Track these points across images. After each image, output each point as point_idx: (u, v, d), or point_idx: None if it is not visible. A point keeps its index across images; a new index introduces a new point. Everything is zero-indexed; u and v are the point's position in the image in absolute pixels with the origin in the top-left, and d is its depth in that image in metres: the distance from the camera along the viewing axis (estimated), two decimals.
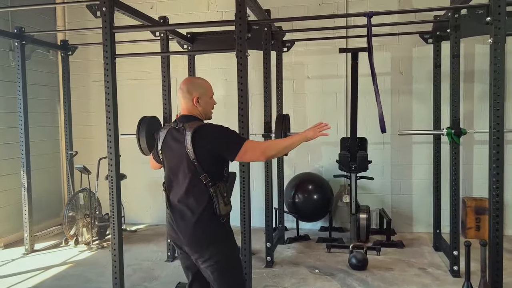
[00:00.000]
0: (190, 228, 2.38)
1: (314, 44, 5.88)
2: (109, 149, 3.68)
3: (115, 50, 3.70)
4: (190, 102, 2.48)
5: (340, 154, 5.04)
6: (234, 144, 2.36)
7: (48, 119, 6.45)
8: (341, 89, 5.92)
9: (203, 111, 2.53)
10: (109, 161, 3.70)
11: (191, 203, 2.39)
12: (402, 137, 5.70)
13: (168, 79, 4.73)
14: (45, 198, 6.28)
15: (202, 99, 2.50)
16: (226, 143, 2.37)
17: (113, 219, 3.71)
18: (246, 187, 3.67)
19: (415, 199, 5.82)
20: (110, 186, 3.70)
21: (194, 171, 2.35)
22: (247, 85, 3.59)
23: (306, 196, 5.59)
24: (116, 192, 3.70)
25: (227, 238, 2.45)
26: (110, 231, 3.76)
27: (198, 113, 2.51)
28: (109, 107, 3.66)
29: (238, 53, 3.45)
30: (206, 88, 2.56)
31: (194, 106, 2.48)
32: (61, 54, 6.03)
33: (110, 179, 3.70)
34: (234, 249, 2.52)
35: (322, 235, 5.68)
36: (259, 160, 2.44)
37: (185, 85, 2.52)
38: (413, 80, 5.74)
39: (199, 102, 2.48)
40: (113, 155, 3.67)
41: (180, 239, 2.42)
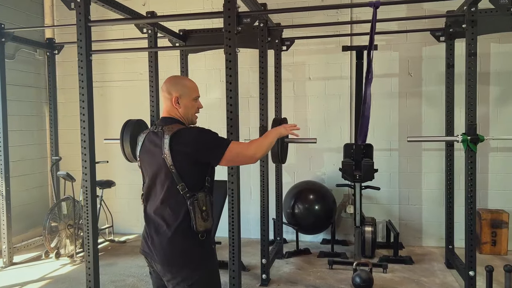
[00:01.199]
0: (164, 244, 2.09)
1: (316, 43, 5.49)
2: (84, 156, 3.32)
3: (91, 46, 3.34)
4: (169, 102, 2.20)
5: (343, 161, 4.62)
6: (218, 147, 2.10)
7: (34, 122, 6.08)
8: (345, 91, 5.51)
9: (184, 114, 2.22)
10: (83, 170, 3.33)
11: (167, 215, 2.10)
12: (410, 144, 5.28)
13: (156, 78, 4.36)
14: (29, 206, 5.92)
15: (182, 100, 2.20)
16: (208, 146, 2.09)
17: (87, 233, 3.33)
18: (235, 196, 3.30)
19: (424, 210, 5.38)
20: (85, 198, 3.33)
21: (171, 180, 2.07)
22: (237, 85, 3.18)
23: (307, 206, 5.17)
24: (91, 205, 3.32)
25: (204, 259, 2.11)
26: (84, 249, 3.37)
27: (179, 115, 2.21)
28: (84, 109, 3.32)
29: (227, 48, 3.06)
30: (189, 88, 2.24)
31: (173, 107, 2.20)
32: (47, 53, 5.68)
33: (85, 189, 3.32)
34: (212, 272, 2.17)
35: (324, 248, 5.26)
36: (250, 162, 2.22)
37: (165, 84, 2.24)
38: (423, 82, 5.32)
39: (178, 103, 2.19)
40: (88, 162, 3.30)
41: (153, 255, 2.13)
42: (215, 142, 2.10)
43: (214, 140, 2.10)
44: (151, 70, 4.35)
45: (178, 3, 5.86)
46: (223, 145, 2.09)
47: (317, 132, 5.51)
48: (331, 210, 5.20)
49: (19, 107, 5.71)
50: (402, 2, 4.55)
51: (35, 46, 5.69)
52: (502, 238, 4.96)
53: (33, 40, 5.55)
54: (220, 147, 2.09)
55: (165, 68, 4.78)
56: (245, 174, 5.71)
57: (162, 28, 4.52)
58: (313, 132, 5.59)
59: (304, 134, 5.54)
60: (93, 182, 3.33)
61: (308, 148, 5.59)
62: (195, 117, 2.28)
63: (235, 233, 3.25)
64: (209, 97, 5.89)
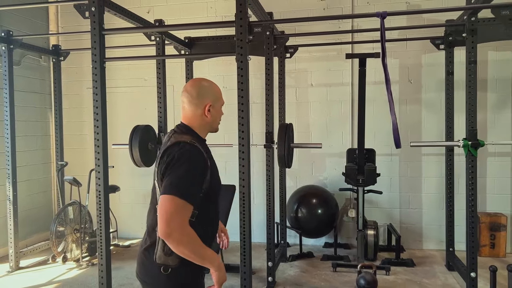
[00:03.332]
0: (139, 257, 1.94)
1: (318, 50, 5.61)
2: (97, 160, 3.38)
3: (104, 53, 3.43)
4: (199, 110, 1.93)
5: (346, 166, 4.72)
6: (168, 182, 1.73)
7: (39, 128, 6.15)
8: (347, 97, 5.63)
9: (211, 123, 1.98)
10: (96, 174, 3.40)
11: (147, 232, 1.93)
12: (411, 149, 5.40)
13: (163, 85, 4.45)
14: (34, 211, 5.96)
15: (215, 109, 1.97)
16: (170, 175, 1.74)
17: (100, 236, 3.40)
18: (246, 200, 3.36)
19: (425, 214, 5.50)
20: (98, 201, 3.40)
21: (155, 197, 1.89)
22: (248, 91, 3.29)
23: (310, 210, 5.26)
24: (104, 207, 3.39)
25: None
26: (97, 250, 3.44)
27: (200, 124, 1.95)
28: (98, 115, 3.37)
29: (239, 56, 3.16)
30: (219, 94, 2.02)
31: (203, 116, 1.93)
32: (53, 59, 5.75)
33: (98, 193, 3.40)
34: None
35: (326, 252, 5.35)
36: (161, 234, 1.69)
37: (195, 87, 1.95)
38: (423, 89, 5.45)
39: (210, 112, 1.94)
40: (101, 166, 3.37)
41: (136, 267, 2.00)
42: (173, 177, 1.73)
43: (175, 175, 1.73)
44: (159, 77, 4.44)
45: (182, 11, 5.96)
46: (170, 189, 1.70)
47: (319, 138, 5.62)
48: (333, 214, 5.30)
49: (24, 113, 5.76)
50: (406, 13, 4.69)
51: (41, 53, 5.77)
52: (500, 240, 5.08)
53: (40, 47, 5.62)
54: (168, 186, 1.71)
55: (169, 74, 4.86)
56: None
57: (169, 35, 4.62)
58: (315, 137, 5.70)
59: (306, 139, 5.65)
60: (106, 186, 3.41)
61: (311, 153, 5.69)
62: (218, 125, 2.04)
63: (246, 236, 3.33)
64: None
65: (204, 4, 5.95)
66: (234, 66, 5.93)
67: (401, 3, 5.33)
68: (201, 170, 1.80)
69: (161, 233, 1.68)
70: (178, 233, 1.67)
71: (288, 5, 5.58)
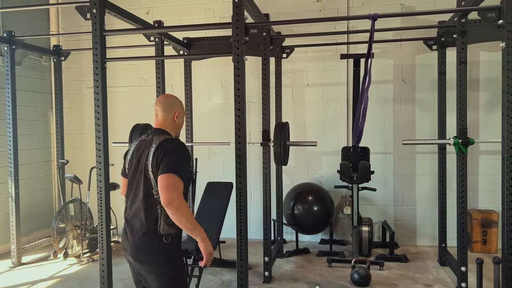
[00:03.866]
0: (136, 243, 2.33)
1: (314, 50, 5.73)
2: (99, 158, 3.49)
3: (105, 54, 3.53)
4: (169, 116, 2.50)
5: (341, 164, 4.84)
6: (166, 165, 2.24)
7: (39, 127, 6.25)
8: (342, 96, 5.74)
9: (178, 127, 2.57)
10: (98, 171, 3.50)
11: (141, 217, 2.33)
12: (405, 147, 5.53)
13: (162, 85, 4.56)
14: (35, 208, 6.06)
15: (180, 116, 2.54)
16: (163, 161, 2.26)
17: (101, 231, 3.51)
18: (243, 197, 3.47)
19: (418, 211, 5.62)
20: (99, 197, 3.51)
21: (148, 185, 2.32)
22: (244, 91, 3.40)
23: (306, 207, 5.38)
24: (105, 204, 3.50)
25: (168, 259, 2.32)
26: (99, 245, 3.55)
27: (172, 127, 2.51)
28: (99, 114, 3.48)
29: (235, 57, 3.27)
30: (183, 106, 2.63)
31: (172, 121, 2.50)
32: (53, 59, 5.85)
33: (99, 190, 3.50)
34: (175, 271, 2.37)
35: (322, 248, 5.46)
36: (163, 202, 2.18)
37: (167, 99, 2.57)
38: (416, 88, 5.57)
39: (178, 118, 2.52)
40: (102, 164, 3.48)
41: (127, 250, 2.38)
42: (171, 161, 2.24)
43: (172, 160, 2.25)
44: (158, 77, 4.55)
45: (180, 12, 6.06)
46: (169, 169, 2.21)
47: (315, 136, 5.73)
48: (329, 211, 5.42)
49: (25, 112, 5.87)
50: (398, 15, 4.81)
51: (42, 53, 5.87)
52: (492, 237, 5.20)
53: (41, 47, 5.73)
54: (166, 168, 2.22)
55: (168, 74, 4.96)
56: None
57: (168, 36, 4.72)
58: (311, 136, 5.81)
59: (302, 138, 5.76)
60: (107, 183, 3.51)
61: (307, 151, 5.80)
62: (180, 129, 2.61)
63: (243, 232, 3.44)
64: (211, 102, 6.09)
65: (203, 5, 6.05)
66: (232, 66, 5.92)
67: (395, 5, 5.45)
68: (188, 157, 2.37)
69: (164, 202, 2.17)
70: (177, 201, 2.17)
71: (285, 6, 5.69)
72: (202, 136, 5.94)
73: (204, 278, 4.21)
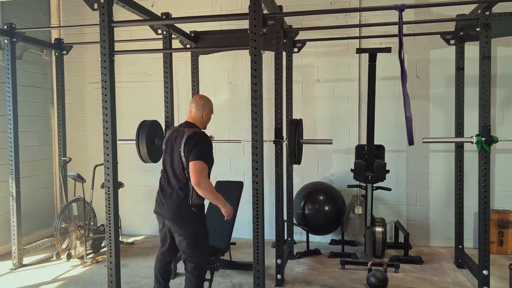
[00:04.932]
0: (173, 208, 3.15)
1: (325, 45, 5.55)
2: (106, 156, 3.31)
3: (113, 46, 3.34)
4: (200, 114, 3.31)
5: (355, 162, 4.66)
6: (196, 154, 3.03)
7: (41, 123, 6.06)
8: (354, 93, 5.57)
9: (205, 123, 3.38)
10: (105, 170, 3.32)
11: (176, 190, 3.16)
12: (418, 145, 5.25)
13: (170, 79, 4.36)
14: (36, 207, 5.88)
15: (208, 115, 3.37)
16: (193, 150, 3.04)
17: (109, 233, 3.33)
18: (259, 199, 3.32)
19: (432, 211, 5.46)
20: (107, 198, 3.33)
21: (182, 166, 3.12)
22: (261, 86, 3.20)
23: (317, 207, 5.21)
24: (113, 204, 3.32)
25: (196, 223, 3.18)
26: (106, 247, 3.37)
27: (200, 122, 3.32)
28: (107, 110, 3.29)
29: (252, 50, 3.08)
30: (212, 107, 3.42)
31: (202, 117, 3.31)
32: (55, 53, 5.64)
33: (107, 189, 3.32)
34: (202, 233, 3.23)
35: (333, 249, 5.30)
36: (193, 183, 3.02)
37: (201, 100, 3.35)
38: (431, 84, 5.40)
39: (205, 116, 3.33)
40: (111, 162, 3.30)
41: (163, 213, 3.22)
42: (199, 151, 3.03)
43: (200, 150, 3.04)
44: (166, 71, 4.35)
45: (186, 5, 5.86)
46: (198, 157, 3.01)
47: (325, 134, 5.56)
48: (341, 211, 5.25)
49: (26, 108, 5.68)
50: (425, 6, 4.61)
51: (44, 47, 5.67)
52: (509, 238, 5.05)
53: (42, 41, 5.53)
54: (196, 156, 3.02)
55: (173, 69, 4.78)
56: None
57: (175, 29, 4.53)
58: (321, 133, 5.64)
59: (313, 135, 5.57)
60: (115, 182, 3.33)
61: (317, 149, 5.63)
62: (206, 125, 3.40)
63: (260, 234, 3.28)
64: (217, 98, 5.90)
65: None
66: (239, 61, 5.93)
67: None
68: (210, 147, 3.18)
69: (193, 182, 3.02)
70: (203, 182, 3.03)
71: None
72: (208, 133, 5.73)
73: (215, 281, 4.04)
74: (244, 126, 5.82)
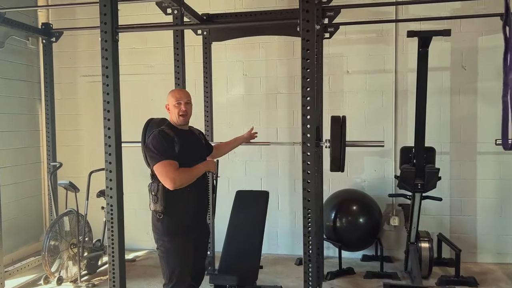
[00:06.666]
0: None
1: (356, 31, 4.84)
2: (109, 164, 2.55)
3: (117, 20, 2.57)
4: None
5: (403, 168, 3.94)
6: (151, 158, 2.59)
7: (26, 122, 5.26)
8: (389, 86, 4.85)
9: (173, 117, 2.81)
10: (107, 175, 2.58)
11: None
12: (464, 147, 4.71)
13: (182, 69, 3.64)
14: (22, 219, 5.11)
15: (170, 107, 2.82)
16: (148, 153, 2.63)
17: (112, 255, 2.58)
18: (312, 218, 2.55)
19: (479, 222, 4.75)
20: (109, 211, 2.57)
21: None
22: (314, 71, 2.46)
23: (351, 219, 4.50)
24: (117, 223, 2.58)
25: (165, 234, 2.67)
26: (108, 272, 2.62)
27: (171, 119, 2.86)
28: (109, 104, 2.55)
29: (304, 24, 2.32)
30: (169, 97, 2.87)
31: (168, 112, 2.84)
32: (43, 40, 4.86)
33: (109, 200, 2.56)
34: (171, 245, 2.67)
35: (367, 266, 4.59)
36: (169, 188, 2.56)
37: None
38: (479, 76, 4.69)
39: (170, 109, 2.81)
40: (114, 172, 2.56)
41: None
42: (151, 152, 2.57)
43: (152, 150, 2.58)
44: (177, 59, 3.62)
45: None
46: (155, 159, 2.55)
47: (356, 133, 4.76)
48: (377, 223, 4.55)
49: (8, 104, 4.91)
50: None
51: (29, 32, 4.85)
52: None
53: (27, 24, 4.73)
54: (153, 159, 2.57)
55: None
56: (272, 181, 5.04)
57: (187, 9, 3.79)
58: (351, 133, 4.83)
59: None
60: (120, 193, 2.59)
61: (346, 152, 4.88)
62: (180, 119, 2.76)
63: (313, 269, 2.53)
64: (230, 93, 5.16)
65: None
66: (255, 51, 5.16)
67: None
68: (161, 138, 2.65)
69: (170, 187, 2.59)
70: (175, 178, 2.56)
71: None
72: (220, 133, 4.98)
73: None
74: (261, 125, 5.08)
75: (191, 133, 2.92)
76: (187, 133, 2.84)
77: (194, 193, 2.74)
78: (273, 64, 5.05)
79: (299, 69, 4.29)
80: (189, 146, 2.75)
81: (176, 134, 2.68)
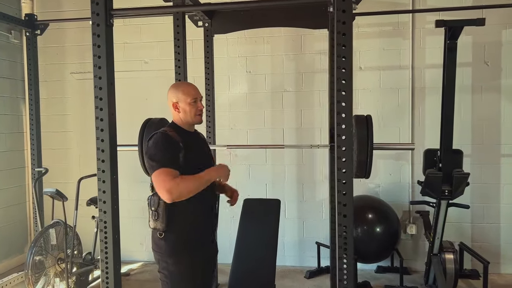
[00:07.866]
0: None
1: (368, 24, 4.49)
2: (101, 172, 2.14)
3: (111, 3, 2.16)
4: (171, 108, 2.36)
5: (429, 173, 3.55)
6: (150, 166, 2.17)
7: (8, 123, 4.80)
8: (405, 84, 4.49)
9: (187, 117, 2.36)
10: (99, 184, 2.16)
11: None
12: (486, 149, 4.37)
13: (184, 62, 3.22)
14: (5, 229, 4.67)
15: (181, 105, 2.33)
16: (147, 161, 2.20)
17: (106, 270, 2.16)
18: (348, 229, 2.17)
19: (504, 230, 4.41)
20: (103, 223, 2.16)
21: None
22: (352, 60, 2.07)
23: (367, 228, 4.11)
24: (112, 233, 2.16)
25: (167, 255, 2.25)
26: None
27: (177, 119, 2.38)
28: (102, 102, 2.14)
29: (339, 3, 1.93)
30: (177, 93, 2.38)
31: (174, 112, 2.36)
32: (26, 33, 4.43)
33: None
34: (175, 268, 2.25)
35: (382, 279, 4.24)
36: (166, 200, 2.12)
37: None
38: (503, 73, 4.35)
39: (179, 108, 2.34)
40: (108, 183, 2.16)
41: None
42: (150, 160, 2.15)
43: (150, 157, 2.16)
44: (178, 52, 3.20)
45: None
46: (152, 168, 2.13)
47: None
48: (396, 233, 4.17)
49: None
50: None
51: (11, 23, 4.41)
52: None
53: (9, 15, 4.29)
54: (151, 167, 2.15)
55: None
56: (278, 187, 4.67)
57: None
58: None
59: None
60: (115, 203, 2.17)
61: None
62: (197, 119, 2.35)
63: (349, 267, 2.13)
64: (232, 91, 4.76)
65: None
66: (260, 45, 4.75)
67: None
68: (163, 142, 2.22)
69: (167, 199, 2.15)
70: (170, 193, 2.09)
71: None
72: (221, 136, 4.58)
73: None
74: (266, 126, 4.70)
75: (198, 136, 2.51)
76: (195, 136, 2.43)
77: (200, 205, 2.29)
78: (279, 60, 4.66)
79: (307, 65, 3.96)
80: (198, 152, 2.36)
81: (183, 137, 2.24)
